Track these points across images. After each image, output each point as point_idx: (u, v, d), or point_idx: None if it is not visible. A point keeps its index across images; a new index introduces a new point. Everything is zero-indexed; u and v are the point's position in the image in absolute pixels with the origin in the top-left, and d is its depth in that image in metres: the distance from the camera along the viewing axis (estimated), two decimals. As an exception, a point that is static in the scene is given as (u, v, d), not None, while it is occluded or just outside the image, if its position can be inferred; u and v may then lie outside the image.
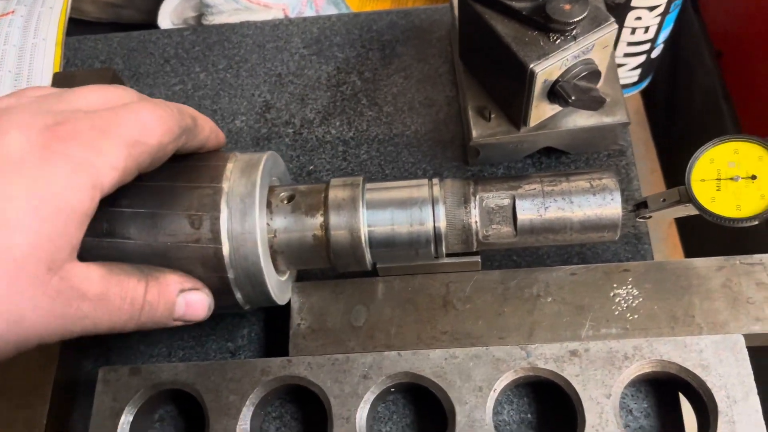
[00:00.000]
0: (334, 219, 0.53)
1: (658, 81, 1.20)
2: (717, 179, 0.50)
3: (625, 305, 0.56)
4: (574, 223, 0.53)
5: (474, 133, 0.63)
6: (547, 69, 0.55)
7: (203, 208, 0.51)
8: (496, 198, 0.53)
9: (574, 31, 0.55)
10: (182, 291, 0.50)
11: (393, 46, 0.76)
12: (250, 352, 0.62)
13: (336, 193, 0.54)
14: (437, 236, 0.53)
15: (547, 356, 0.54)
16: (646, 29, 0.80)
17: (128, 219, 0.51)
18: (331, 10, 0.97)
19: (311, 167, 0.70)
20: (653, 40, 0.82)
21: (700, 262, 0.57)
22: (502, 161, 0.68)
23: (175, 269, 0.51)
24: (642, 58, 0.85)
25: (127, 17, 1.00)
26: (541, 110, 0.60)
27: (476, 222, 0.53)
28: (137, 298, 0.47)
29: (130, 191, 0.50)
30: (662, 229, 0.89)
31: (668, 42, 0.88)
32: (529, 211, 0.53)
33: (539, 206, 0.53)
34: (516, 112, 0.61)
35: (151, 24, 0.97)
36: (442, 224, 0.53)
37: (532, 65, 0.54)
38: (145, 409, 0.58)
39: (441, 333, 0.57)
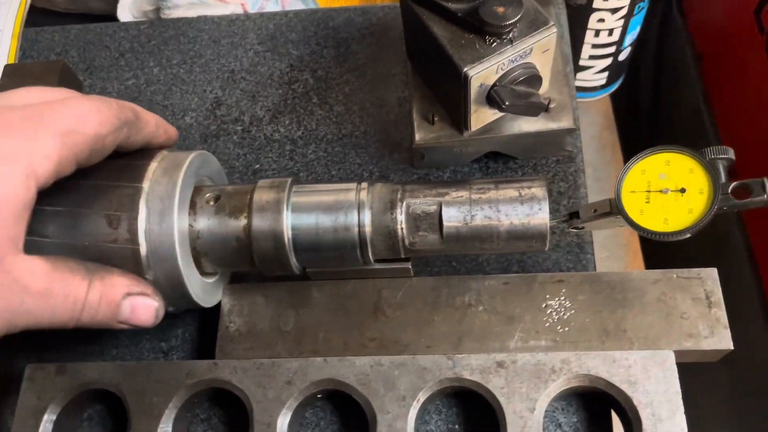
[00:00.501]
0: (258, 222, 0.52)
1: (640, 83, 1.18)
2: (647, 191, 0.49)
3: (557, 317, 0.54)
4: (501, 233, 0.51)
5: (417, 136, 0.62)
6: (482, 73, 0.53)
7: (122, 207, 0.50)
8: (423, 205, 0.52)
9: (511, 34, 0.53)
10: (129, 294, 0.49)
11: (348, 44, 0.75)
12: (183, 353, 0.61)
13: (261, 196, 0.53)
14: (362, 242, 0.52)
15: (473, 367, 0.53)
16: (610, 32, 0.78)
17: (48, 217, 0.50)
18: (298, 6, 0.96)
19: (257, 166, 0.69)
20: (618, 43, 0.80)
21: (636, 275, 0.55)
22: (448, 165, 0.66)
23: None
24: (608, 61, 0.83)
25: (98, 9, 1.00)
26: (483, 114, 0.58)
27: (402, 229, 0.52)
28: (79, 296, 0.46)
29: (52, 188, 0.49)
30: (624, 235, 0.87)
31: (639, 44, 0.86)
32: (455, 219, 0.52)
33: (466, 214, 0.51)
34: (458, 116, 0.60)
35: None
36: (367, 230, 0.52)
37: (466, 69, 0.53)
38: (71, 408, 0.57)
39: (369, 340, 0.56)
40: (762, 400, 0.93)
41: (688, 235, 0.47)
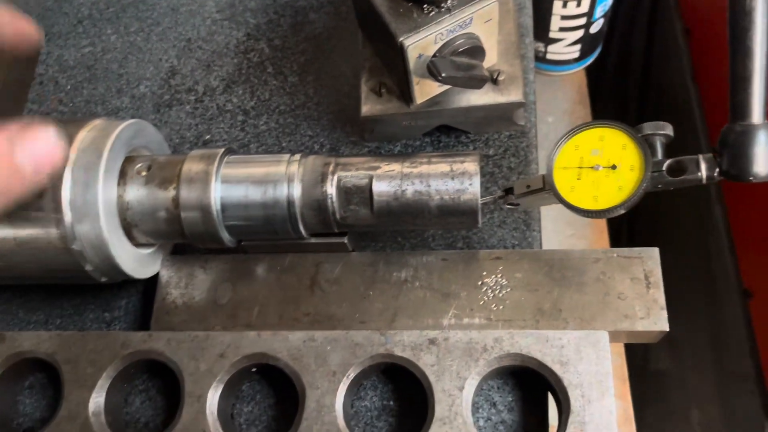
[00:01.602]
0: (185, 193, 0.51)
1: (631, 56, 1.15)
2: (579, 167, 0.47)
3: (492, 295, 0.53)
4: (432, 208, 0.50)
5: (363, 108, 0.61)
6: (419, 43, 0.52)
7: (47, 176, 0.49)
8: (354, 178, 0.51)
9: (449, 3, 0.51)
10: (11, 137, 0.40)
11: (306, 13, 0.73)
12: (125, 324, 0.61)
13: (190, 166, 0.52)
14: (292, 215, 0.51)
15: (405, 343, 0.52)
16: (579, 2, 0.76)
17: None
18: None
19: (208, 137, 0.68)
20: (589, 15, 0.78)
21: (577, 253, 0.54)
22: (399, 138, 0.65)
23: (21, 236, 0.50)
24: (579, 33, 0.81)
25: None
26: (427, 87, 0.57)
27: (333, 202, 0.51)
28: None
29: None
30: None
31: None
32: (386, 193, 0.50)
33: (396, 188, 0.50)
34: (405, 88, 0.58)
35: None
36: (297, 203, 0.51)
37: (402, 38, 0.51)
38: (9, 377, 0.57)
39: (303, 315, 0.55)
40: (740, 376, 0.91)
41: (620, 213, 0.46)
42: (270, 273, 0.57)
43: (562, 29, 0.79)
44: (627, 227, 1.03)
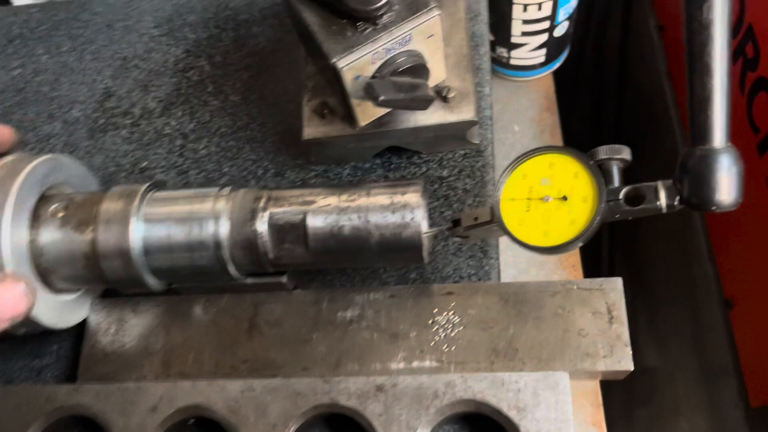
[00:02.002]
0: (103, 236, 0.47)
1: (604, 57, 1.11)
2: (528, 198, 0.43)
3: (444, 334, 0.49)
4: (372, 245, 0.46)
5: (305, 131, 0.56)
6: (354, 64, 0.47)
7: (-50, 223, 0.45)
8: (287, 215, 0.47)
9: (385, 20, 0.47)
10: None
11: (249, 26, 0.68)
12: (57, 371, 0.56)
13: (109, 206, 0.47)
14: (220, 257, 0.47)
15: (350, 391, 0.48)
16: (540, 6, 0.71)
17: None
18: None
19: (145, 164, 0.63)
20: (552, 18, 0.74)
21: (534, 286, 0.50)
22: (347, 161, 0.61)
23: None
24: (544, 37, 0.76)
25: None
26: (370, 108, 0.52)
27: (265, 241, 0.47)
28: None
29: None
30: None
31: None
32: (322, 231, 0.46)
33: (333, 225, 0.46)
34: (347, 109, 0.54)
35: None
36: (225, 243, 0.47)
37: (334, 59, 0.47)
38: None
39: (241, 361, 0.51)
40: (726, 381, 0.88)
41: (573, 249, 0.42)
42: (205, 315, 0.53)
43: (524, 33, 0.75)
44: (607, 236, 0.99)
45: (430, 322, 0.50)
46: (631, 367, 0.47)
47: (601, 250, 1.10)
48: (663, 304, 1.05)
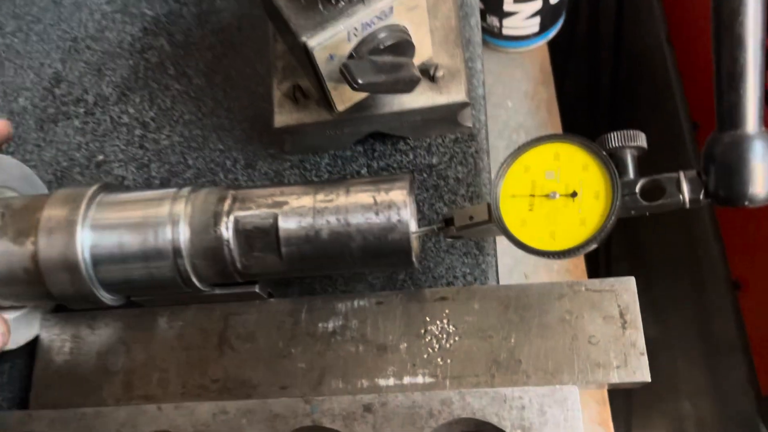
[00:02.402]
0: (45, 247, 0.41)
1: (600, 23, 1.05)
2: (531, 195, 0.37)
3: (438, 345, 0.44)
4: (353, 250, 0.40)
5: (276, 119, 0.50)
6: (327, 42, 0.41)
7: None
8: (256, 218, 0.41)
9: (361, -10, 0.41)
10: None
11: (212, 1, 0.62)
12: (10, 394, 0.51)
13: (51, 212, 0.41)
14: (180, 268, 0.41)
15: (335, 412, 0.43)
16: (532, -30, 0.65)
17: None
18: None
19: (101, 157, 0.57)
20: (546, -17, 0.67)
21: (537, 288, 0.44)
22: (325, 149, 0.55)
23: None
24: (538, 4, 0.70)
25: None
26: (348, 91, 0.46)
27: (231, 249, 0.41)
28: None
29: None
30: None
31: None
32: (296, 236, 0.40)
33: (308, 229, 0.40)
34: (322, 93, 0.47)
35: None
36: (185, 252, 0.41)
37: (304, 38, 0.41)
38: None
39: (212, 381, 0.45)
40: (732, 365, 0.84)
41: (584, 253, 0.36)
42: (170, 330, 0.47)
43: (517, 1, 0.69)
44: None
45: (423, 331, 0.44)
46: (648, 378, 0.42)
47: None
48: (663, 282, 1.00)
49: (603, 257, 1.10)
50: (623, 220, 0.36)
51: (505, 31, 0.74)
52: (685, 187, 0.36)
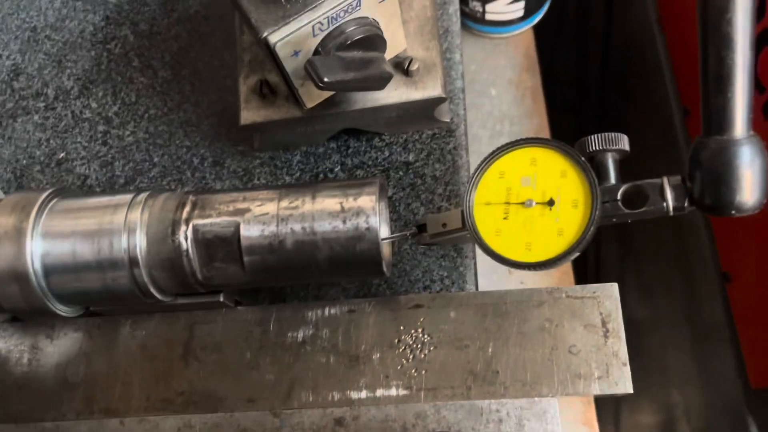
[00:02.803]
0: (-7, 259, 0.38)
1: (589, 7, 1.02)
2: (506, 203, 0.35)
3: (412, 356, 0.42)
4: (320, 261, 0.38)
5: (242, 115, 0.48)
6: (289, 38, 0.39)
7: None
8: (216, 226, 0.38)
9: (326, -19, 0.38)
10: None
11: (178, -13, 0.59)
12: (-31, 404, 0.49)
13: (-1, 221, 0.39)
14: (138, 279, 0.39)
15: (305, 426, 0.41)
16: (516, -47, 0.62)
17: None
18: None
19: (62, 155, 0.54)
20: (530, -34, 0.64)
21: (515, 295, 0.42)
22: (297, 146, 0.52)
23: None
24: (522, -11, 0.67)
25: None
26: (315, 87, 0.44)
27: (191, 260, 0.39)
28: None
29: None
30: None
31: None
32: (259, 246, 0.38)
33: (272, 238, 0.38)
34: (290, 89, 0.45)
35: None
36: (142, 263, 0.39)
37: (265, 33, 0.38)
38: None
39: (177, 394, 0.43)
40: (721, 356, 0.83)
41: (559, 266, 0.34)
42: (133, 340, 0.45)
43: (499, -15, 0.66)
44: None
45: (396, 341, 0.42)
46: (630, 390, 0.40)
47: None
48: (653, 272, 0.99)
49: (591, 248, 1.08)
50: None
51: (488, 16, 0.71)
52: (668, 194, 0.34)
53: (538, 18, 0.75)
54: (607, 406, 1.02)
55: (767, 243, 0.68)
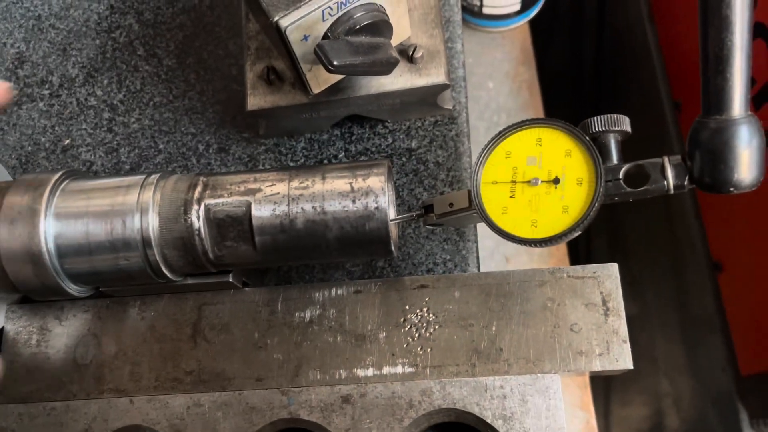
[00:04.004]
0: (6, 237, 0.39)
1: (584, 4, 1.03)
2: (512, 182, 0.36)
3: (417, 335, 0.43)
4: (330, 240, 0.39)
5: (248, 101, 0.48)
6: (300, 22, 0.39)
7: None
8: (228, 206, 0.39)
9: (336, -33, 0.39)
10: None
11: (182, -23, 0.59)
12: (-24, 386, 0.49)
13: (13, 200, 0.39)
14: (150, 259, 0.40)
15: (313, 404, 0.42)
16: (514, -53, 0.63)
17: None
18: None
19: (68, 141, 0.55)
20: (527, -40, 0.66)
21: (518, 275, 0.44)
22: (301, 132, 0.53)
23: None
24: (519, -17, 0.68)
25: None
26: (324, 73, 0.44)
27: (203, 239, 0.39)
28: None
29: None
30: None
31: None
32: (270, 225, 0.39)
33: (283, 217, 0.39)
34: (297, 75, 0.46)
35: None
36: (155, 242, 0.39)
37: (276, 17, 0.39)
38: None
39: (186, 373, 0.44)
40: (711, 344, 0.85)
41: (564, 242, 0.35)
42: (142, 321, 0.45)
43: (497, -21, 0.67)
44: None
45: (402, 320, 0.43)
46: (630, 366, 0.41)
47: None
48: (644, 262, 1.01)
49: (582, 237, 1.10)
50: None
51: (486, 10, 0.73)
52: (669, 173, 0.35)
53: (534, 12, 0.76)
54: (598, 398, 1.04)
55: (758, 231, 0.70)
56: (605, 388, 1.08)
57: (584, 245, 1.08)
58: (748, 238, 0.73)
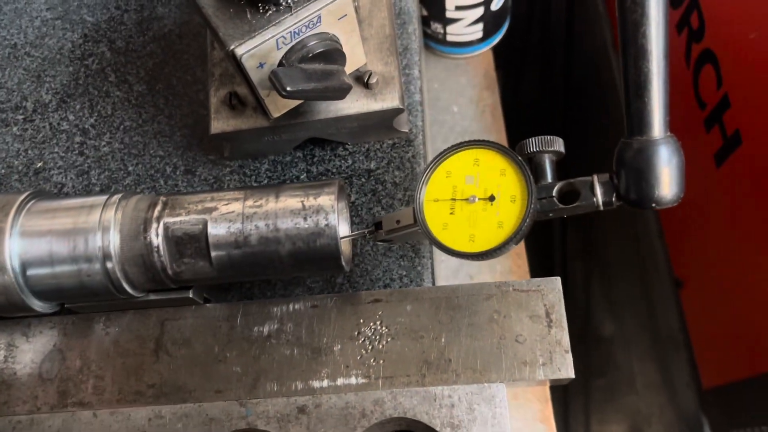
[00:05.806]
0: (-27, 257, 0.41)
1: (553, 33, 1.07)
2: (452, 199, 0.38)
3: (371, 347, 0.45)
4: (283, 257, 0.41)
5: (212, 125, 0.51)
6: (255, 51, 0.42)
7: None
8: (185, 224, 0.41)
9: (289, 0, 0.42)
10: None
11: (153, 7, 0.62)
12: (-55, 403, 0.50)
13: (-21, 222, 0.41)
14: (111, 275, 0.41)
15: (270, 414, 0.44)
16: (472, -21, 0.66)
17: None
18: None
19: (40, 164, 0.57)
20: (486, -9, 0.69)
21: (466, 289, 0.46)
22: (265, 154, 0.55)
23: None
24: (479, 11, 0.71)
25: None
26: (282, 98, 0.47)
27: (162, 256, 0.41)
28: None
29: None
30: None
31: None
32: (225, 242, 0.41)
33: (237, 235, 0.41)
34: (258, 100, 0.48)
35: None
36: (116, 259, 0.41)
37: (232, 46, 0.41)
38: None
39: (147, 386, 0.46)
40: (677, 360, 0.86)
41: (502, 254, 0.38)
42: (106, 336, 0.47)
43: (458, 8, 0.70)
44: (558, 219, 0.96)
45: (356, 333, 0.45)
46: (572, 375, 0.43)
47: (552, 222, 1.07)
48: (616, 277, 1.03)
49: (559, 254, 1.12)
50: (576, 220, 0.38)
51: (449, 38, 0.75)
52: (598, 191, 0.37)
53: (496, 40, 0.79)
54: (577, 417, 1.06)
55: (715, 247, 0.72)
56: (585, 407, 1.09)
57: (560, 267, 1.11)
58: (708, 254, 0.75)
